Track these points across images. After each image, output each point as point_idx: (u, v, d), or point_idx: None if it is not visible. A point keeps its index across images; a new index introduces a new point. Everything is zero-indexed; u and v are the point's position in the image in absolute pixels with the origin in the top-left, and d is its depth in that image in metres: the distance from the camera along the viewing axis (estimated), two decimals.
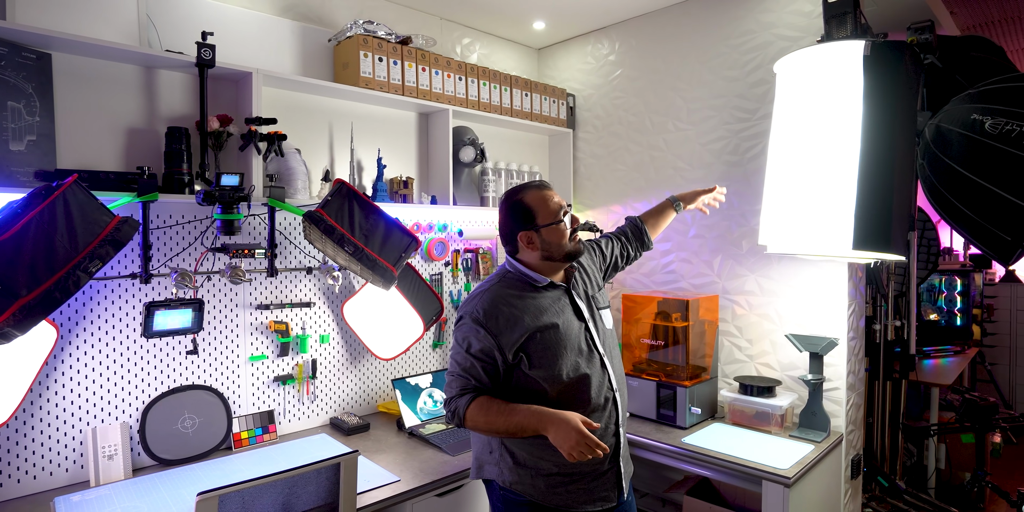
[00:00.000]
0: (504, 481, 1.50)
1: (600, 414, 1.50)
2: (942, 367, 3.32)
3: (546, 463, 1.46)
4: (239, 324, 2.04)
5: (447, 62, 2.42)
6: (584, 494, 1.48)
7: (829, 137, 1.82)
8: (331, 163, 2.27)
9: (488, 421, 1.40)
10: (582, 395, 1.48)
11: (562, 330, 1.48)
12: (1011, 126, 1.83)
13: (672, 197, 2.04)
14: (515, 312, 1.46)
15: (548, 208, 1.50)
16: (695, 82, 2.53)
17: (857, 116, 1.77)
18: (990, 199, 1.86)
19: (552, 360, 1.45)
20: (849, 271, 2.15)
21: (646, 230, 1.94)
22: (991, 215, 1.89)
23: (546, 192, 1.53)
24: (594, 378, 1.49)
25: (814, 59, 1.86)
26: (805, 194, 1.85)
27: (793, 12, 2.24)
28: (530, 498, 1.48)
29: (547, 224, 1.50)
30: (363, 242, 1.78)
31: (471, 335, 1.46)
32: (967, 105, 1.94)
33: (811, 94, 1.87)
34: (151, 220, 1.81)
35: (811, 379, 2.09)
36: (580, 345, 1.50)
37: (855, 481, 2.28)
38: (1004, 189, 1.85)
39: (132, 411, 1.83)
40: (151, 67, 1.85)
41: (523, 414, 1.37)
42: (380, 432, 2.17)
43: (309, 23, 2.26)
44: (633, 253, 1.92)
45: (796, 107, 1.91)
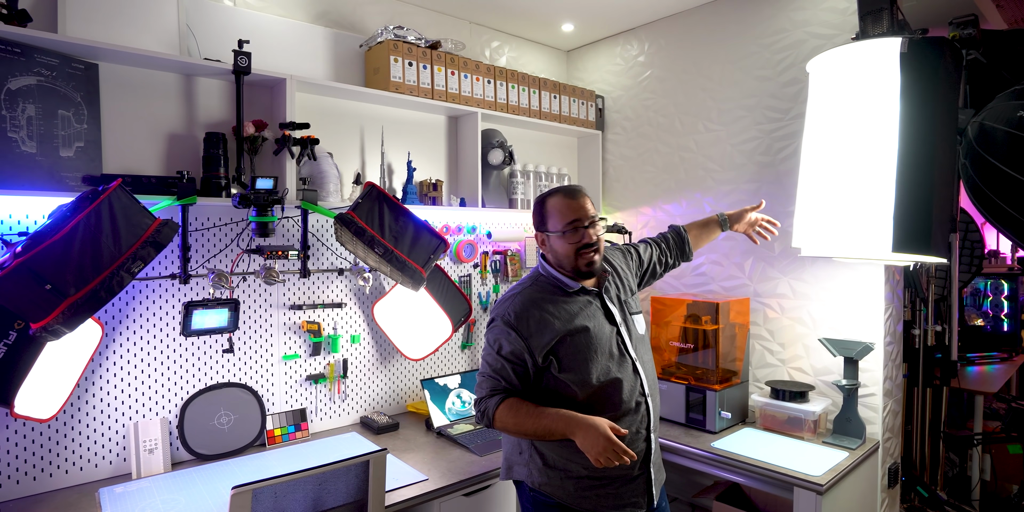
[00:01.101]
0: (533, 482, 1.51)
1: (631, 418, 1.49)
2: (987, 374, 3.20)
3: (575, 466, 1.46)
4: (273, 324, 2.09)
5: (476, 65, 2.44)
6: (613, 499, 1.48)
7: (866, 137, 1.78)
8: (362, 166, 2.31)
9: (517, 423, 1.41)
10: (613, 399, 1.47)
11: (593, 334, 1.48)
12: None
13: (720, 214, 1.96)
14: (546, 316, 1.46)
15: (560, 217, 1.50)
16: (726, 82, 2.50)
17: (894, 116, 1.73)
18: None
19: (582, 364, 1.45)
20: (886, 274, 2.10)
21: (688, 240, 1.89)
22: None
23: (568, 200, 1.51)
24: (625, 382, 1.49)
25: (849, 58, 1.82)
26: (841, 195, 1.81)
27: (827, 9, 2.20)
28: (559, 501, 1.48)
29: (555, 232, 1.51)
30: (392, 244, 1.81)
31: (502, 337, 1.47)
32: (1013, 102, 1.87)
33: (846, 94, 1.83)
34: (190, 222, 1.87)
35: (845, 384, 2.04)
36: (611, 349, 1.50)
37: (892, 490, 2.21)
38: None
39: (171, 407, 1.90)
40: (190, 75, 1.91)
41: (551, 418, 1.37)
42: (409, 431, 2.20)
43: (341, 29, 2.31)
44: (672, 261, 1.87)
45: (831, 107, 1.87)
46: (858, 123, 1.79)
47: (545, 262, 1.58)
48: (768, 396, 2.20)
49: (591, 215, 1.51)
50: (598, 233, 1.51)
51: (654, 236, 1.91)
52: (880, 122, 1.74)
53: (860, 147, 1.78)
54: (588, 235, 1.48)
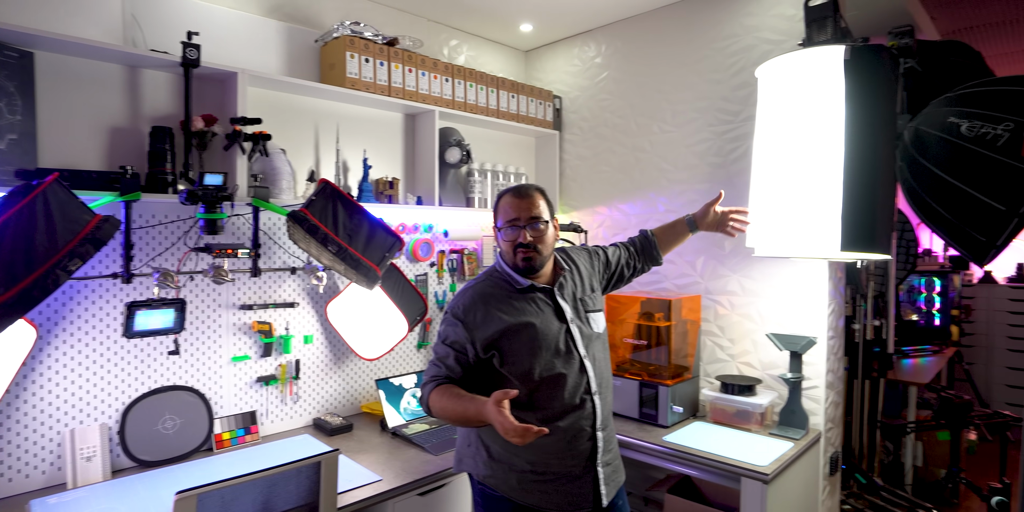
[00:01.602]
0: (479, 475, 1.53)
1: (576, 415, 1.50)
2: (920, 366, 3.38)
3: (519, 459, 1.48)
4: (222, 324, 2.03)
5: (434, 63, 2.43)
6: (557, 496, 1.48)
7: (813, 141, 1.85)
8: (317, 163, 2.27)
9: (442, 407, 1.41)
10: (555, 394, 1.48)
11: (539, 330, 1.49)
12: (987, 129, 1.88)
13: (688, 216, 1.93)
14: (492, 310, 1.50)
15: (503, 214, 1.55)
16: (680, 84, 2.56)
17: (839, 119, 1.80)
18: (966, 201, 1.91)
19: (525, 358, 1.47)
20: (829, 271, 2.19)
21: (656, 244, 1.89)
22: (967, 216, 1.93)
23: (513, 199, 1.54)
24: (570, 379, 1.50)
25: (795, 64, 1.89)
26: (792, 197, 1.87)
27: (776, 16, 2.28)
28: (503, 494, 1.49)
29: (498, 228, 1.57)
30: (347, 242, 1.78)
31: (449, 329, 1.52)
32: (945, 108, 1.98)
33: (793, 98, 1.90)
34: (133, 219, 1.80)
35: (790, 378, 2.12)
36: (558, 346, 1.51)
37: (833, 478, 2.31)
38: (979, 191, 1.89)
39: (112, 412, 1.82)
40: (135, 66, 1.84)
41: (466, 401, 1.36)
42: (363, 432, 2.18)
43: (296, 24, 2.26)
44: (641, 265, 1.88)
45: (779, 111, 1.94)
46: (805, 127, 1.86)
47: (501, 257, 1.61)
48: (718, 390, 2.26)
49: (531, 215, 1.52)
50: (540, 234, 1.52)
51: (625, 240, 1.93)
52: (826, 126, 1.82)
53: (808, 150, 1.85)
54: (523, 235, 1.51)
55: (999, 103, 1.86)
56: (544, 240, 1.54)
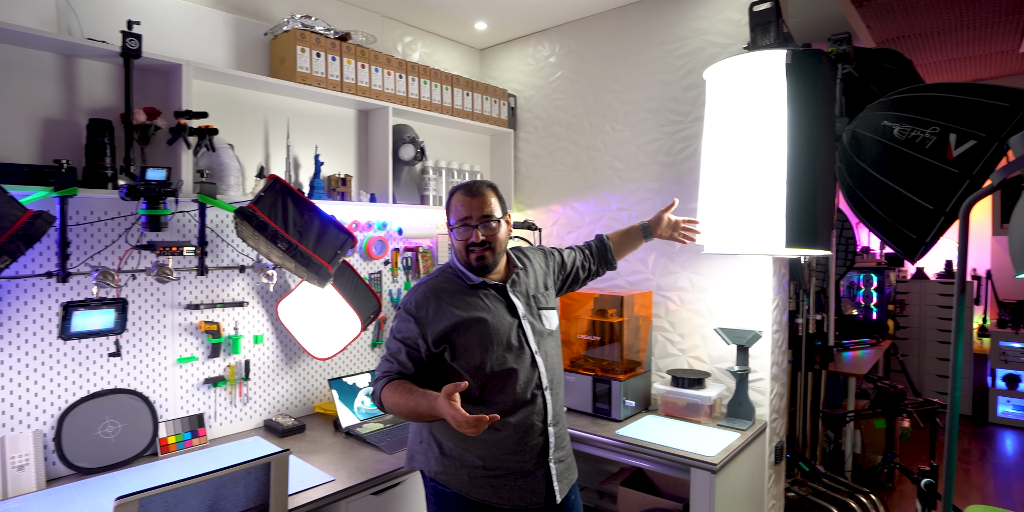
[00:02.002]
0: (431, 471, 1.53)
1: (527, 409, 1.52)
2: (859, 358, 3.54)
3: (471, 455, 1.49)
4: (167, 325, 1.96)
5: (387, 60, 2.41)
6: (508, 491, 1.49)
7: (758, 141, 1.92)
8: (266, 159, 2.22)
9: (394, 402, 1.42)
10: (506, 389, 1.50)
11: (490, 325, 1.51)
12: (916, 132, 1.98)
13: (642, 222, 1.98)
14: (443, 305, 1.51)
15: (455, 213, 1.55)
16: (632, 85, 2.61)
17: (781, 121, 1.88)
18: (898, 200, 2.01)
19: (476, 353, 1.48)
20: (774, 267, 2.27)
21: (611, 248, 1.93)
22: (899, 215, 2.03)
23: (464, 197, 1.53)
24: (521, 374, 1.51)
25: (740, 67, 1.95)
26: (738, 196, 1.94)
27: (723, 20, 2.35)
28: (455, 490, 1.50)
29: (450, 226, 1.58)
30: (297, 239, 1.75)
31: (402, 324, 1.52)
32: (879, 112, 2.08)
33: (739, 100, 1.96)
34: (71, 216, 1.73)
35: (737, 370, 2.20)
36: (510, 341, 1.52)
37: (778, 466, 2.40)
38: (910, 191, 2.00)
39: (47, 418, 1.73)
40: (71, 56, 1.76)
41: (418, 397, 1.37)
42: (316, 433, 2.14)
43: (244, 16, 2.20)
44: (595, 268, 1.92)
45: (726, 113, 2.00)
46: (750, 128, 1.93)
47: (456, 258, 1.61)
48: (669, 384, 2.32)
49: (483, 213, 1.52)
50: (493, 232, 1.53)
51: (581, 244, 1.97)
52: (769, 127, 1.89)
53: (752, 150, 1.92)
54: (475, 234, 1.51)
55: (928, 108, 1.97)
56: (497, 238, 1.54)
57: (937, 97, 2.00)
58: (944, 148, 1.93)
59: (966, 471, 3.62)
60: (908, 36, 3.30)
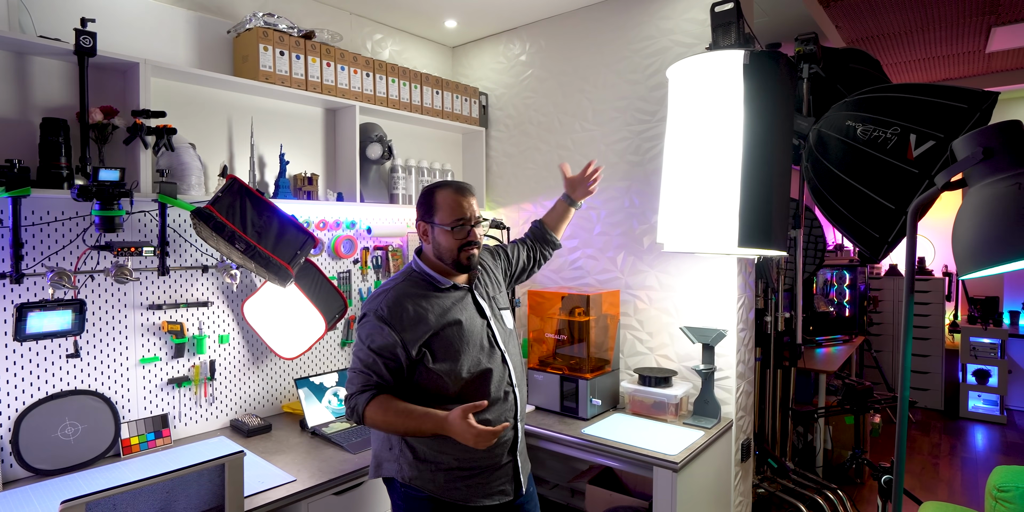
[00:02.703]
0: (404, 477, 1.52)
1: (500, 407, 1.55)
2: (832, 355, 3.58)
3: (446, 457, 1.49)
4: (128, 325, 1.95)
5: (354, 58, 2.39)
6: (482, 488, 1.52)
7: (715, 140, 1.93)
8: (231, 159, 2.20)
9: (387, 421, 1.42)
10: (482, 389, 1.52)
11: (465, 327, 1.52)
12: (878, 132, 2.00)
13: (562, 195, 2.02)
14: (419, 310, 1.49)
15: (449, 212, 1.53)
16: (600, 84, 2.62)
17: (738, 121, 1.89)
18: (862, 199, 2.03)
19: (455, 355, 1.49)
20: (739, 266, 2.29)
21: (547, 229, 1.99)
22: (863, 214, 2.05)
23: (458, 197, 1.54)
24: (495, 373, 1.54)
25: (700, 66, 1.96)
26: (695, 195, 1.96)
27: (689, 20, 2.36)
28: (429, 493, 1.50)
29: (442, 225, 1.53)
30: (256, 240, 1.74)
31: (375, 332, 1.47)
32: (843, 112, 2.10)
33: (698, 100, 1.97)
34: (25, 216, 1.71)
35: (703, 369, 2.21)
36: (483, 341, 1.55)
37: (745, 464, 2.43)
38: (872, 190, 2.02)
39: (3, 419, 1.72)
40: (22, 53, 1.73)
41: (420, 418, 1.40)
42: (283, 433, 2.14)
43: (207, 13, 2.18)
44: (541, 254, 1.96)
45: (686, 112, 2.02)
46: (709, 127, 1.94)
47: (419, 258, 1.60)
48: (636, 383, 2.34)
49: (477, 214, 1.57)
50: (481, 232, 1.58)
51: (519, 238, 2.00)
52: (727, 126, 1.90)
53: (710, 149, 1.94)
54: (473, 234, 1.54)
55: (889, 109, 1.99)
56: (480, 238, 1.58)
57: (898, 98, 2.02)
58: (905, 148, 1.96)
59: (935, 465, 3.67)
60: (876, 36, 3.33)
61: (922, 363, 4.79)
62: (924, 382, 4.81)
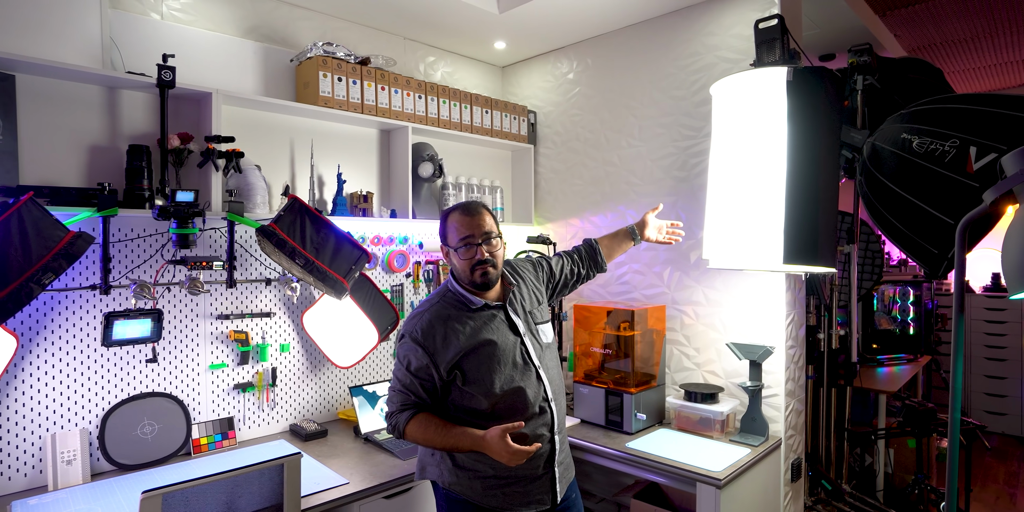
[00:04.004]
0: (444, 482, 1.59)
1: (536, 422, 1.58)
2: (894, 374, 3.44)
3: (483, 466, 1.55)
4: (199, 334, 2.11)
5: (407, 81, 2.52)
6: (519, 497, 1.57)
7: (760, 157, 1.93)
8: (292, 178, 2.36)
9: (426, 439, 1.51)
10: (517, 405, 1.56)
11: (497, 346, 1.56)
12: (935, 145, 1.95)
13: (630, 226, 2.07)
14: (450, 332, 1.54)
15: (456, 233, 1.58)
16: (646, 101, 2.65)
17: (783, 137, 1.89)
18: (918, 214, 1.98)
19: (486, 375, 1.53)
20: (787, 282, 2.26)
21: (600, 252, 1.99)
22: (920, 229, 2.00)
23: (463, 217, 1.58)
24: (529, 390, 1.57)
25: (745, 83, 1.98)
26: (741, 211, 1.96)
27: (734, 36, 2.36)
28: (467, 498, 1.56)
29: (451, 247, 1.60)
30: (314, 255, 1.87)
31: (410, 354, 1.55)
32: (898, 124, 2.06)
33: (743, 117, 1.98)
34: (112, 234, 1.89)
35: (750, 386, 2.19)
36: (515, 359, 1.58)
37: (796, 484, 2.37)
38: (929, 205, 1.96)
39: (92, 418, 1.90)
40: (114, 88, 1.93)
41: (457, 437, 1.48)
42: (337, 438, 2.25)
43: (273, 44, 2.36)
44: (585, 272, 1.97)
45: (730, 128, 2.03)
46: (754, 143, 1.95)
47: (452, 278, 1.66)
48: (682, 398, 2.33)
49: (484, 231, 1.57)
50: (494, 249, 1.58)
51: (568, 249, 2.01)
52: (772, 143, 1.90)
53: (756, 166, 1.94)
54: (480, 252, 1.55)
55: (947, 121, 1.94)
56: (497, 255, 1.59)
57: (956, 109, 1.97)
58: (964, 161, 1.90)
59: (1011, 495, 3.44)
60: (940, 43, 3.21)
61: (998, 386, 4.50)
62: (1001, 406, 4.52)
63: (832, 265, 1.95)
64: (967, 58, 3.43)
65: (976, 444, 4.10)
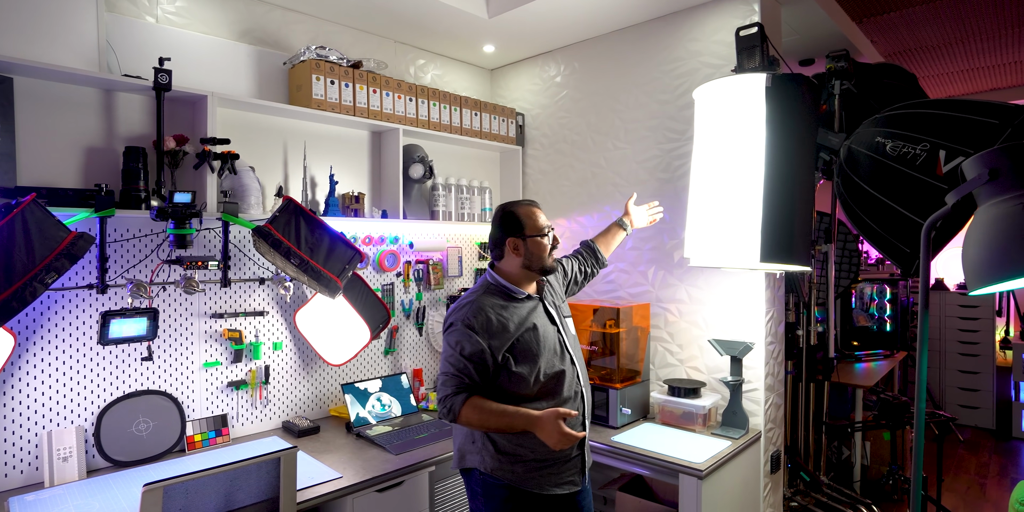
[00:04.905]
0: (485, 468, 1.68)
1: (572, 405, 1.72)
2: (871, 370, 3.55)
3: (524, 450, 1.66)
4: (193, 332, 2.15)
5: (398, 84, 2.57)
6: (554, 477, 1.69)
7: (739, 160, 2.01)
8: (285, 180, 2.40)
9: (482, 419, 1.60)
10: (557, 389, 1.70)
11: (541, 332, 1.70)
12: (907, 149, 2.04)
13: (618, 218, 2.25)
14: (502, 319, 1.66)
15: (535, 222, 1.73)
16: (632, 104, 2.72)
17: (761, 140, 1.96)
18: (891, 214, 2.07)
19: (533, 358, 1.66)
20: (767, 280, 2.34)
21: (598, 248, 2.16)
22: (893, 229, 2.09)
23: (535, 209, 1.76)
24: (567, 374, 1.72)
25: (726, 88, 2.05)
26: (720, 212, 2.04)
27: (717, 42, 2.44)
28: (507, 482, 1.67)
29: (532, 235, 1.72)
30: (308, 255, 1.91)
31: (463, 340, 1.63)
32: (873, 128, 2.15)
33: (723, 121, 2.06)
34: (108, 234, 1.92)
35: (730, 381, 2.27)
36: (555, 346, 1.73)
37: (775, 476, 2.45)
38: (902, 205, 2.05)
39: (88, 415, 1.93)
40: (110, 90, 1.96)
41: (512, 416, 1.58)
42: (330, 434, 2.29)
43: (266, 47, 2.39)
44: (590, 270, 2.14)
45: (711, 132, 2.10)
46: (733, 147, 2.02)
47: (494, 272, 1.77)
48: (666, 393, 2.41)
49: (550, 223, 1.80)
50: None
51: (569, 254, 2.16)
52: (750, 147, 1.98)
53: (734, 169, 2.02)
54: (556, 238, 1.76)
55: (918, 125, 2.02)
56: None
57: (927, 114, 2.05)
58: (934, 164, 1.98)
59: (981, 485, 3.57)
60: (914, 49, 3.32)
61: (971, 380, 4.65)
62: (974, 400, 4.66)
63: (807, 264, 2.03)
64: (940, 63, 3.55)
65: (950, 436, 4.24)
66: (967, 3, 2.77)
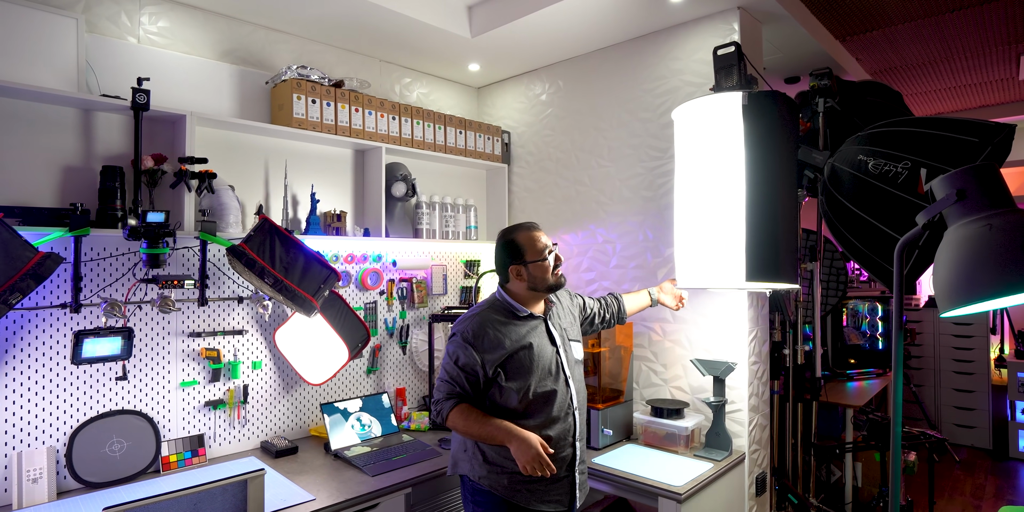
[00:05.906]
0: (474, 475, 1.73)
1: (561, 425, 1.75)
2: (863, 389, 3.50)
3: (511, 463, 1.68)
4: (170, 351, 2.13)
5: (380, 103, 2.58)
6: (540, 494, 1.71)
7: (720, 180, 2.00)
8: (266, 198, 2.40)
9: (466, 426, 1.67)
10: (546, 408, 1.73)
11: (536, 351, 1.74)
12: (889, 167, 2.04)
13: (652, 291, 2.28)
14: (499, 335, 1.72)
15: (535, 247, 1.78)
16: (615, 122, 2.73)
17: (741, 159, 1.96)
18: (874, 232, 2.06)
19: (525, 375, 1.71)
20: (750, 300, 2.32)
21: (623, 307, 2.19)
22: (876, 247, 2.08)
23: (534, 233, 1.80)
24: (559, 395, 1.75)
25: (703, 108, 2.05)
26: (704, 233, 2.03)
27: (697, 61, 2.45)
28: (495, 492, 1.69)
29: (533, 261, 1.76)
30: (283, 274, 1.90)
31: (460, 351, 1.72)
32: (856, 146, 2.14)
33: (703, 140, 2.06)
34: (85, 253, 1.92)
35: (713, 401, 2.24)
36: (550, 366, 1.76)
37: (761, 498, 2.41)
38: (884, 223, 2.05)
39: (60, 435, 1.91)
40: (89, 110, 1.97)
41: (494, 426, 1.65)
42: (308, 455, 2.27)
43: (250, 67, 2.41)
44: (609, 318, 2.16)
45: (692, 152, 2.10)
46: (714, 167, 2.02)
47: (503, 290, 1.82)
48: (649, 413, 2.37)
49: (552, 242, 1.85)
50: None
51: (600, 297, 2.20)
52: (731, 165, 1.97)
53: (716, 188, 2.01)
54: (558, 257, 1.81)
55: (900, 143, 2.02)
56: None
57: (909, 132, 2.05)
58: (915, 182, 1.98)
59: (976, 507, 3.50)
60: (900, 67, 3.33)
61: (965, 399, 4.60)
62: (969, 419, 4.60)
63: (794, 281, 2.02)
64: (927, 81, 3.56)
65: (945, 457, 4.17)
66: (949, 22, 2.79)
